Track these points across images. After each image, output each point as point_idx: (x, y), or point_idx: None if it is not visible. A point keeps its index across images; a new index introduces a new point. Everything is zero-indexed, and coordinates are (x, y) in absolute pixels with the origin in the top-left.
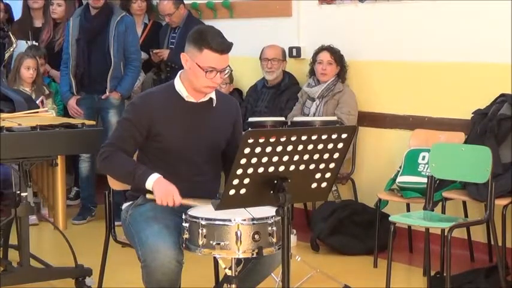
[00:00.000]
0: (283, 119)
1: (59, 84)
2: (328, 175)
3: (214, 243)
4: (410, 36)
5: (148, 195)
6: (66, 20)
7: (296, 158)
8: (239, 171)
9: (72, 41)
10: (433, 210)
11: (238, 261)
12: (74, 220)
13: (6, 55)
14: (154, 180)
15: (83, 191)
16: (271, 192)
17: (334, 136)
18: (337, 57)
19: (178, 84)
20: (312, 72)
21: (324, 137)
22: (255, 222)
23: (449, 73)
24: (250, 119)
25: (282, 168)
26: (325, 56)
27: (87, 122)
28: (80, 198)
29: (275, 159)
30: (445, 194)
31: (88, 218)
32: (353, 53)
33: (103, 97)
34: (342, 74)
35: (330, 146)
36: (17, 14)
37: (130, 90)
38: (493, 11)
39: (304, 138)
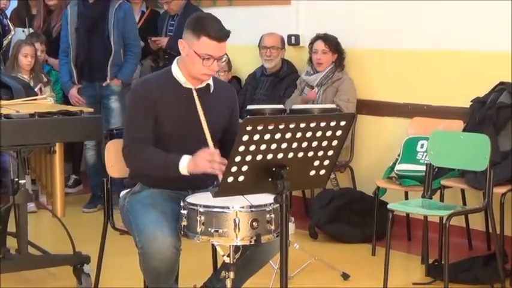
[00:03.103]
0: (281, 106)
1: (59, 73)
2: (326, 162)
3: (212, 231)
4: (409, 24)
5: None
6: (61, 7)
7: (295, 145)
8: (237, 159)
9: (71, 30)
10: (431, 198)
11: (237, 248)
12: (84, 208)
13: (5, 42)
14: (185, 166)
15: (91, 179)
16: (270, 179)
17: (332, 123)
18: (332, 45)
19: (176, 70)
20: (311, 60)
21: (322, 124)
22: (253, 209)
23: (448, 61)
24: (249, 107)
25: (280, 155)
26: (319, 45)
27: (86, 110)
28: (78, 186)
29: (273, 146)
30: (444, 182)
31: (99, 206)
32: (352, 41)
33: (104, 84)
34: (339, 62)
35: (329, 133)
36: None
37: (131, 76)
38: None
39: (302, 125)
